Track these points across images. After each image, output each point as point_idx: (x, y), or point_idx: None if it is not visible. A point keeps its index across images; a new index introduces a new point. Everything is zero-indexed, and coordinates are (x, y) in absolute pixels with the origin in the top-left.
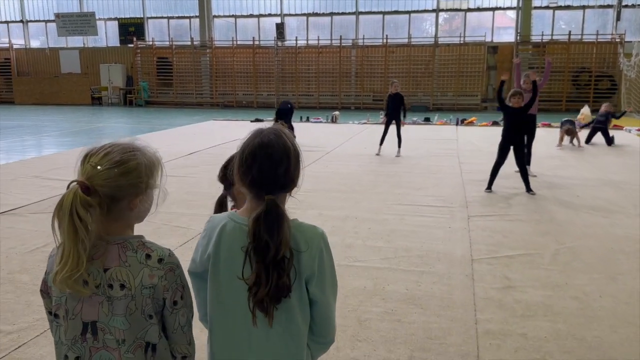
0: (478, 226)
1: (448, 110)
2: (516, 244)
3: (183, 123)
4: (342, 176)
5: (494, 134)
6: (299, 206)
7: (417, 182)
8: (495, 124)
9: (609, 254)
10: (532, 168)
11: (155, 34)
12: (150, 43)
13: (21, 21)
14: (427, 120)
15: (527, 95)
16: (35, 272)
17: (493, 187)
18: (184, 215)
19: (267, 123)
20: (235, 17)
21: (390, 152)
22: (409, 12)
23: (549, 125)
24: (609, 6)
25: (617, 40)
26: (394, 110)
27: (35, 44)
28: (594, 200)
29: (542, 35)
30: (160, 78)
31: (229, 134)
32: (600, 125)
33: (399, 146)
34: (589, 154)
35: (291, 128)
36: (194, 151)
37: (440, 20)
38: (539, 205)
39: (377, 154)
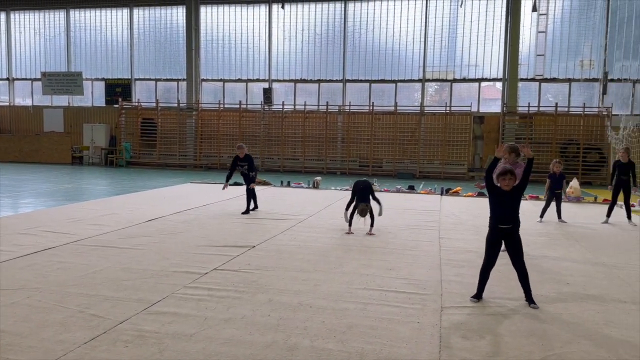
0: (451, 322)
1: (435, 178)
2: (494, 348)
3: (158, 185)
4: (309, 251)
5: (479, 206)
6: (248, 289)
7: (389, 260)
8: (480, 195)
9: None
10: None
11: (142, 95)
12: (136, 104)
13: (7, 79)
14: (411, 188)
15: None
16: None
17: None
18: (107, 300)
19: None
20: (224, 81)
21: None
22: (395, 82)
23: (537, 198)
24: (594, 79)
25: (604, 113)
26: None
27: (20, 101)
28: (585, 289)
29: (529, 106)
30: (144, 139)
31: (201, 198)
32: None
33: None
34: (575, 230)
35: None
36: (154, 217)
37: (431, 90)
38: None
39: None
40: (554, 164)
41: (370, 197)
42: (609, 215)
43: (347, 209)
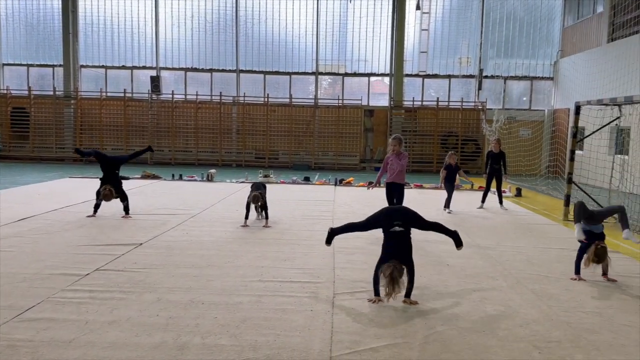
0: (343, 307)
1: (329, 169)
2: (383, 330)
3: (32, 181)
4: (201, 246)
5: (370, 196)
6: (134, 289)
7: (284, 251)
8: (370, 183)
9: (480, 340)
10: None
11: (11, 81)
12: (5, 91)
13: None
14: (306, 179)
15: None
16: None
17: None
18: None
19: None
20: (106, 67)
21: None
22: (289, 74)
23: (421, 187)
24: (471, 76)
25: (479, 107)
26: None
27: None
28: (463, 270)
29: (413, 100)
30: (15, 130)
31: (82, 194)
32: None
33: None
34: (454, 215)
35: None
36: (27, 216)
37: (324, 83)
38: None
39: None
40: (449, 155)
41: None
42: (483, 201)
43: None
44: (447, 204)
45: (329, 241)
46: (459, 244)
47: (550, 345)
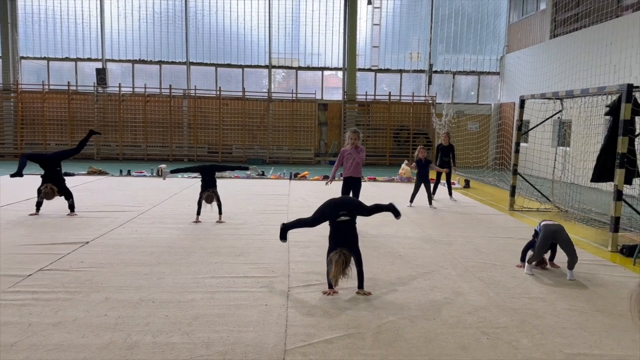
0: (298, 301)
1: (284, 163)
2: (336, 321)
3: None
4: (152, 243)
5: (324, 189)
6: (80, 289)
7: (239, 246)
8: (325, 177)
9: (431, 327)
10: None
11: None
12: None
13: None
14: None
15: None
16: None
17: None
18: None
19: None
20: (48, 59)
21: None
22: (242, 67)
23: (375, 180)
24: (421, 71)
25: (429, 101)
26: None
27: None
28: (414, 260)
29: (366, 95)
30: None
31: (23, 191)
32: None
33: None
34: (407, 207)
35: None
36: None
37: (278, 77)
38: None
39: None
40: (419, 150)
41: (220, 176)
42: (433, 192)
43: (178, 171)
44: (421, 198)
45: (283, 237)
46: (396, 214)
47: (498, 330)
